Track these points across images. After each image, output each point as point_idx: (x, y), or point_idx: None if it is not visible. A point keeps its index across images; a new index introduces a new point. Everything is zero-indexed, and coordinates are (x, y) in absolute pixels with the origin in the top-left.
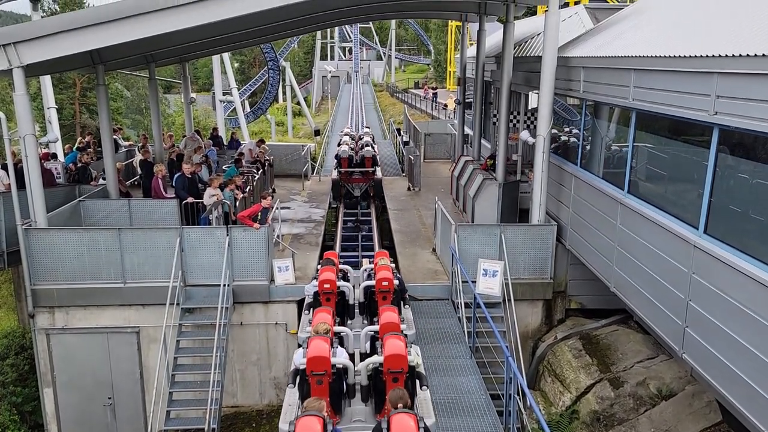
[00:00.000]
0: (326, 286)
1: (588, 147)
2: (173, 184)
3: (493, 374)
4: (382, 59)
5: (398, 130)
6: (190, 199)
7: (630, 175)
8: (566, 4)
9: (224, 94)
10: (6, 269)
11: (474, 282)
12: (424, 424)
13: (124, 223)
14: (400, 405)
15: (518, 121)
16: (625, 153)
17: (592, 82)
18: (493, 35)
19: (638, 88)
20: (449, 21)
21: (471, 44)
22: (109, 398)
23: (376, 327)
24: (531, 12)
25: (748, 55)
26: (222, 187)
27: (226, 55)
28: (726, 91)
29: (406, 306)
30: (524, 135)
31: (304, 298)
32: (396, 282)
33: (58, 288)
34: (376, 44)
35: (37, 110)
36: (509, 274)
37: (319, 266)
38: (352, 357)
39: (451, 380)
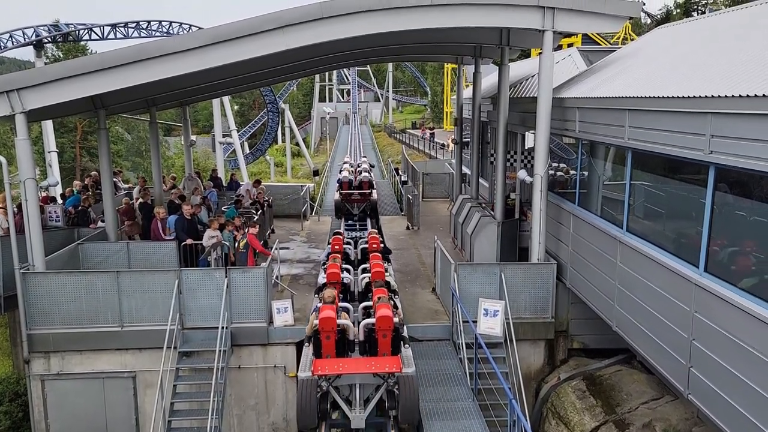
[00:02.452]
0: (336, 247)
1: (585, 185)
2: (170, 226)
3: (497, 417)
4: (379, 100)
5: (396, 170)
6: (189, 241)
7: (628, 213)
8: (560, 47)
9: (224, 136)
10: (2, 314)
11: (475, 322)
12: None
13: (122, 266)
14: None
15: (515, 161)
16: (622, 191)
17: (588, 122)
18: (489, 77)
19: (633, 128)
20: (445, 63)
21: (467, 85)
22: None
23: (367, 265)
24: (525, 54)
25: (740, 95)
26: (221, 228)
27: (226, 98)
28: (720, 131)
29: (389, 263)
30: (522, 174)
31: (302, 340)
32: (382, 245)
33: (54, 333)
34: (374, 86)
35: (38, 153)
36: (510, 313)
37: (330, 237)
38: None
39: (453, 424)
